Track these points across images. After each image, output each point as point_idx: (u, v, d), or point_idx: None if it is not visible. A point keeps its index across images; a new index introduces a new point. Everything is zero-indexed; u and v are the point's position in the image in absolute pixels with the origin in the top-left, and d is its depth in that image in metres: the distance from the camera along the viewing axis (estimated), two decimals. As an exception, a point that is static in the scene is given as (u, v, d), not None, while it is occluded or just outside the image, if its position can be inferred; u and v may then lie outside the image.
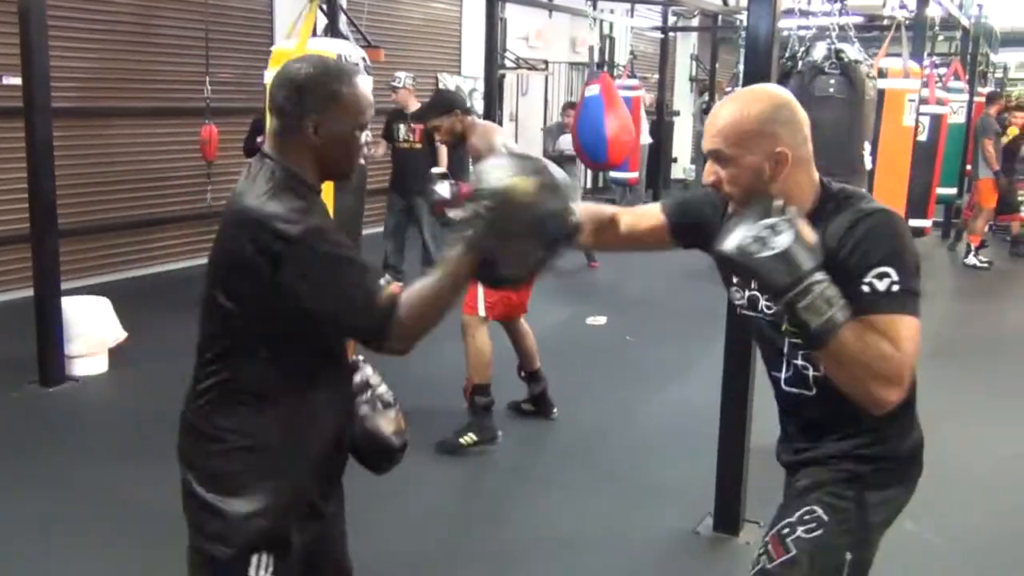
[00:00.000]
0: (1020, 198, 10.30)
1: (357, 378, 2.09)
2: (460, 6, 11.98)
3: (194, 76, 7.62)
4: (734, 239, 1.82)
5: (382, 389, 2.12)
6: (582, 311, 7.35)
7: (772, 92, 2.02)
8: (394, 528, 3.71)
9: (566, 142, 9.32)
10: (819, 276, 1.77)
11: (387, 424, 2.07)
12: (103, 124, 7.72)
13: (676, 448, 4.65)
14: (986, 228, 10.20)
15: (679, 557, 3.67)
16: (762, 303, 2.05)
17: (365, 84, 1.93)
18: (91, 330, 5.47)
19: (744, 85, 3.63)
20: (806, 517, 2.00)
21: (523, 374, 4.99)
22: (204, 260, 1.94)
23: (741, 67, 4.75)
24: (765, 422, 3.87)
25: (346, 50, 4.00)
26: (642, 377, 5.89)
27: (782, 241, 1.76)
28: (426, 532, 3.79)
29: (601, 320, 7.17)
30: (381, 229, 8.00)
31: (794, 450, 2.14)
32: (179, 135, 8.10)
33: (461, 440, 4.47)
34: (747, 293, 2.08)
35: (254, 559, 1.82)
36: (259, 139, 6.32)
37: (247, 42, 8.64)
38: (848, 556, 2.00)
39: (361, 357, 2.13)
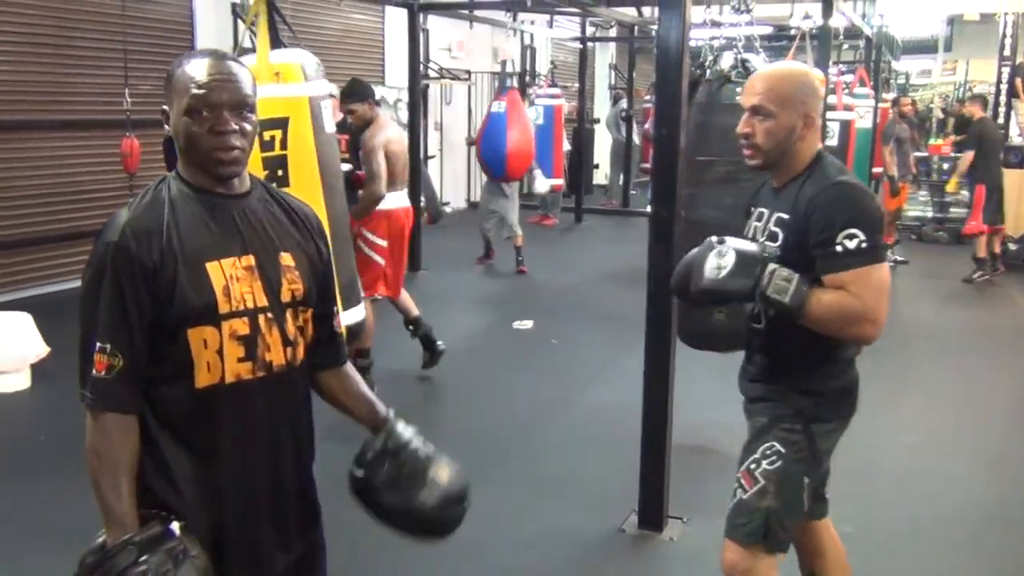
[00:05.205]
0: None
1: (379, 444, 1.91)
2: (382, 17, 11.89)
3: (114, 88, 7.43)
4: (703, 279, 2.29)
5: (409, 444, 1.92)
6: (509, 315, 7.36)
7: (804, 68, 2.54)
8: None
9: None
10: (770, 266, 2.22)
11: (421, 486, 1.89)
12: (21, 138, 7.47)
13: (600, 448, 4.67)
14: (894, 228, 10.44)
15: (606, 555, 3.68)
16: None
17: (202, 65, 1.70)
18: (12, 346, 5.30)
19: (658, 93, 3.69)
20: (768, 452, 2.39)
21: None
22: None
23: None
24: (685, 421, 3.95)
25: (298, 58, 3.90)
26: (566, 379, 5.91)
27: (730, 257, 2.24)
28: (348, 529, 3.73)
29: (528, 324, 7.18)
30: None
31: (749, 378, 2.56)
32: (99, 148, 7.87)
33: None
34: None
35: None
36: None
37: (168, 54, 8.45)
38: (806, 480, 2.41)
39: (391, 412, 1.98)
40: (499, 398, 5.38)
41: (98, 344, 1.64)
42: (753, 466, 2.40)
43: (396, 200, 5.49)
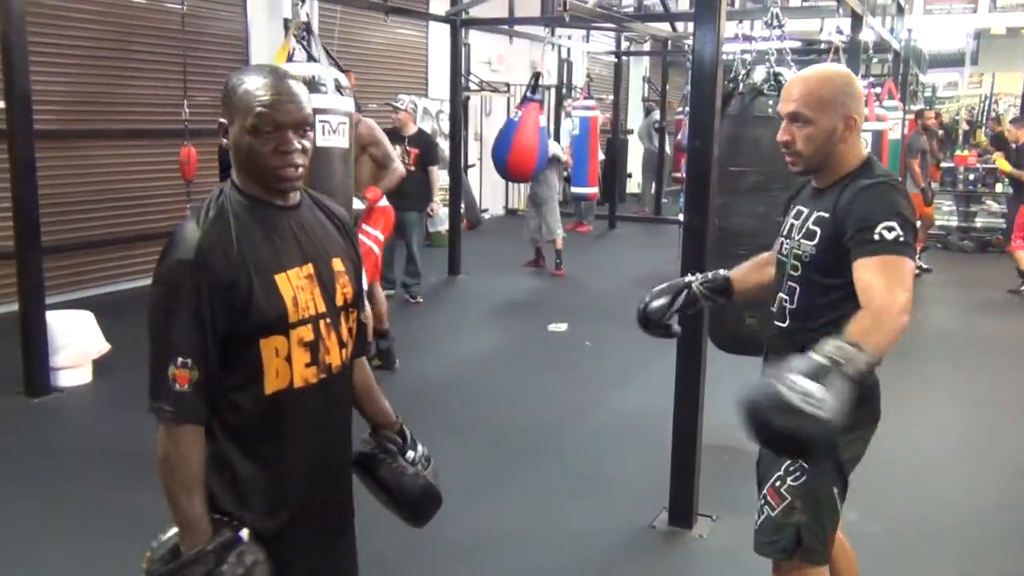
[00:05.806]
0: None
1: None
2: (426, 32, 11.97)
3: (172, 99, 7.55)
4: (800, 417, 1.84)
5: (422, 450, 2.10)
6: (545, 318, 7.36)
7: (842, 70, 2.33)
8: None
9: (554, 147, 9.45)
10: (821, 359, 1.85)
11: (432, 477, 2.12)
12: (85, 145, 7.61)
13: (629, 448, 4.66)
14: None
15: (637, 551, 3.68)
16: (784, 242, 2.37)
17: (266, 84, 1.67)
18: (75, 342, 5.40)
19: (692, 105, 3.68)
20: (791, 468, 2.32)
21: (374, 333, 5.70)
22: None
23: (688, 88, 4.80)
24: (713, 422, 3.93)
25: (319, 72, 3.92)
26: (597, 381, 5.90)
27: (803, 383, 1.83)
28: (379, 526, 3.75)
29: (562, 327, 7.18)
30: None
31: None
32: (158, 156, 8.00)
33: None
34: (780, 240, 2.41)
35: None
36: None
37: (223, 66, 8.56)
38: (834, 490, 2.32)
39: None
40: (532, 398, 5.38)
41: (179, 359, 1.63)
42: (779, 483, 2.34)
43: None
